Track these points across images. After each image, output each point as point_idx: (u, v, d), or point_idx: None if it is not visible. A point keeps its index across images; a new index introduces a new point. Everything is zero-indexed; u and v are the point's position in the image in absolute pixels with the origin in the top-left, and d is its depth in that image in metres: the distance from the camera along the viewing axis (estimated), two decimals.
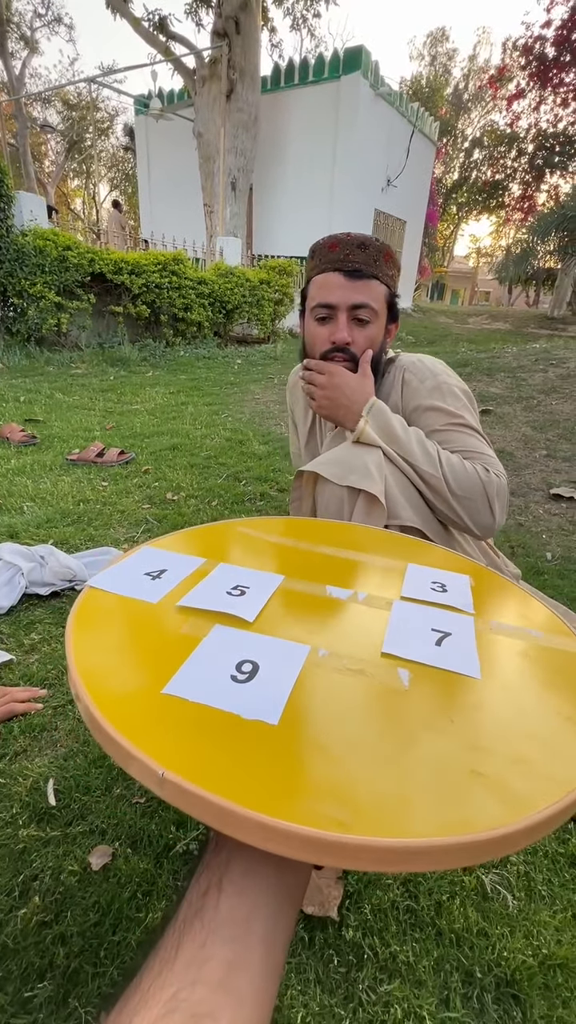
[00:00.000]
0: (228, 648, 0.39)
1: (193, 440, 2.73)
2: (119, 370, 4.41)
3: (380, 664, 0.40)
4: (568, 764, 0.31)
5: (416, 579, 0.53)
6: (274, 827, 0.26)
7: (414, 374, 0.93)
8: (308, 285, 0.94)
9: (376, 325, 0.90)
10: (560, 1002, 0.64)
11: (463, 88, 23.78)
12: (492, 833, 0.26)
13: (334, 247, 0.88)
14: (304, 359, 0.98)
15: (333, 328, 0.90)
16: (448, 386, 0.92)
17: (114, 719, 0.31)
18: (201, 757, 0.30)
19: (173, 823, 0.82)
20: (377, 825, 0.26)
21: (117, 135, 22.87)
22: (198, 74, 7.99)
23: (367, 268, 0.87)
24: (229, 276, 5.72)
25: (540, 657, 0.43)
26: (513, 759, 0.31)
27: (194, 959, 0.26)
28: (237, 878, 0.29)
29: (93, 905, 0.71)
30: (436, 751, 0.32)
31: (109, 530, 1.77)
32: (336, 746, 0.31)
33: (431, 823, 0.27)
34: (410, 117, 10.25)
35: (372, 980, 0.65)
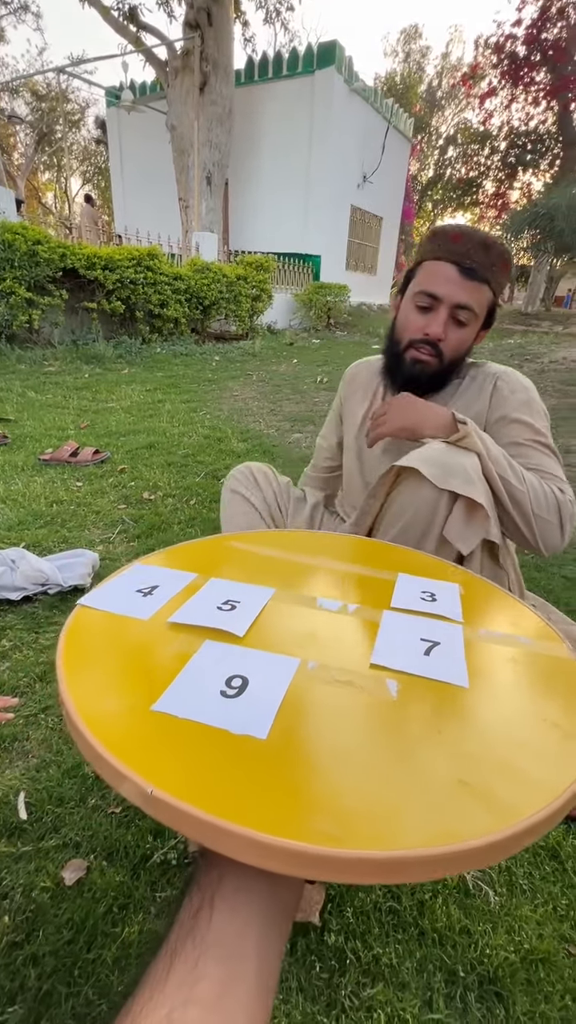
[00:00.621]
0: (218, 663, 0.39)
1: (170, 438, 2.69)
2: (94, 368, 4.32)
3: (369, 675, 0.40)
4: (554, 770, 0.31)
5: (406, 589, 0.53)
6: (262, 842, 0.25)
7: (507, 383, 0.91)
8: (417, 267, 0.91)
9: (471, 329, 0.89)
10: (542, 997, 0.63)
11: (437, 86, 23.96)
12: (479, 842, 0.26)
13: (458, 238, 0.85)
14: (390, 339, 0.96)
15: (430, 320, 0.87)
16: (538, 404, 0.90)
17: (103, 737, 0.31)
18: (190, 774, 0.29)
19: (150, 832, 0.80)
20: (366, 838, 0.26)
21: (89, 127, 22.42)
22: (170, 66, 7.87)
23: (482, 270, 0.84)
24: (206, 272, 5.65)
25: (528, 663, 0.43)
26: (500, 767, 0.31)
27: (186, 979, 0.25)
28: (229, 895, 0.29)
29: (67, 922, 0.68)
30: (424, 761, 0.32)
31: (84, 531, 1.72)
32: (325, 759, 0.31)
33: (419, 834, 0.27)
34: (385, 113, 10.28)
35: (355, 985, 0.64)
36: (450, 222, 1.03)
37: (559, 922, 0.72)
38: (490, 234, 0.86)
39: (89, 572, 1.42)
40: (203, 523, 1.80)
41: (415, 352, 0.90)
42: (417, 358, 0.90)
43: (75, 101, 20.74)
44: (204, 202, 8.15)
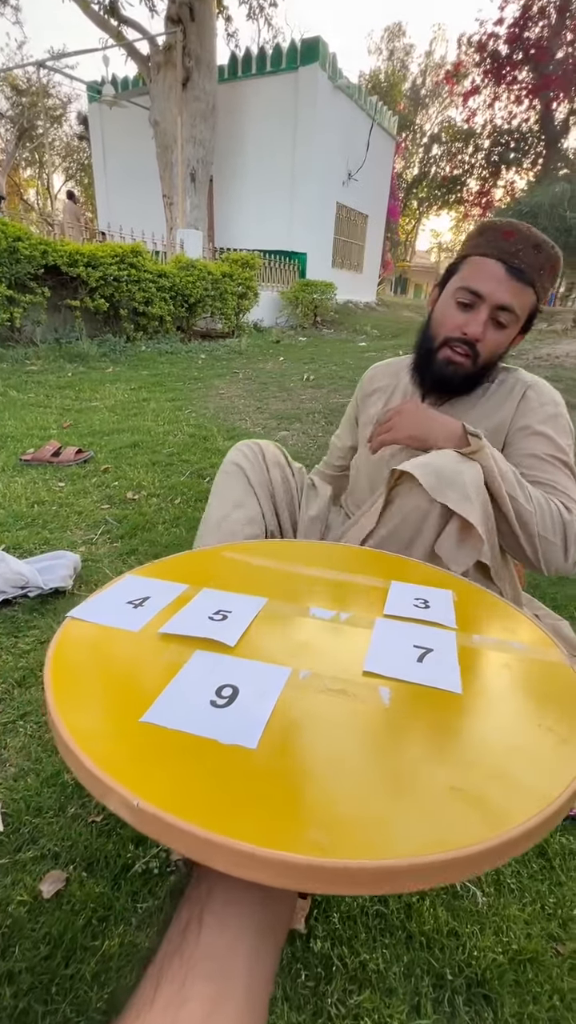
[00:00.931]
0: (208, 673, 0.39)
1: (155, 437, 2.66)
2: (77, 366, 4.25)
3: (361, 683, 0.39)
4: (548, 776, 0.31)
5: (399, 596, 0.53)
6: (250, 854, 0.25)
7: (537, 394, 0.88)
8: (462, 261, 0.87)
9: (510, 332, 0.85)
10: (531, 998, 0.63)
11: (420, 84, 24.04)
12: (471, 849, 0.26)
13: (510, 235, 0.81)
14: (423, 334, 0.92)
15: (470, 318, 0.84)
16: (565, 420, 0.87)
17: (89, 750, 0.31)
18: (178, 785, 0.29)
19: (132, 841, 0.77)
20: (357, 847, 0.26)
21: (71, 123, 22.14)
22: (152, 61, 7.78)
23: (531, 272, 0.81)
24: (190, 269, 5.60)
25: (521, 669, 0.42)
26: (493, 773, 0.31)
27: (173, 1000, 0.25)
28: (219, 909, 0.28)
29: (44, 937, 0.66)
30: (416, 769, 0.31)
31: (66, 532, 1.69)
32: (315, 767, 0.31)
33: (411, 842, 0.26)
34: (369, 111, 10.27)
35: (342, 992, 0.63)
36: (501, 218, 0.96)
37: (547, 921, 0.71)
38: (543, 235, 0.81)
39: (70, 574, 1.39)
40: (188, 522, 1.77)
41: (449, 352, 0.87)
42: (451, 359, 0.87)
43: (56, 96, 20.46)
44: (189, 199, 8.08)
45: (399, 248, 26.16)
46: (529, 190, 11.62)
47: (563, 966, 0.66)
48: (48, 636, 1.20)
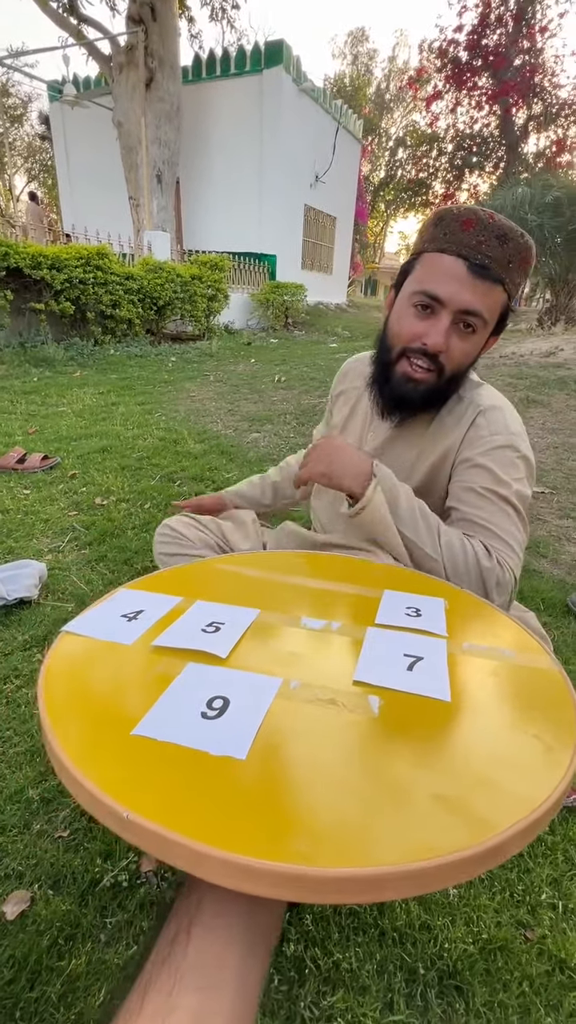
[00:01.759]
0: (200, 685, 0.39)
1: (124, 441, 2.61)
2: (43, 371, 4.16)
3: (351, 693, 0.40)
4: (532, 782, 0.31)
5: (391, 605, 0.53)
6: (238, 864, 0.25)
7: (488, 423, 0.78)
8: (416, 258, 0.76)
9: (479, 337, 0.75)
10: (500, 986, 0.64)
11: (385, 88, 24.38)
12: (454, 856, 0.26)
13: (469, 225, 0.70)
14: (380, 343, 0.82)
15: (430, 326, 0.73)
16: (515, 452, 0.77)
17: (81, 763, 0.31)
18: (168, 797, 0.29)
19: (99, 855, 0.76)
20: (339, 856, 0.26)
21: (32, 123, 21.67)
22: (114, 61, 7.67)
23: (496, 269, 0.70)
24: (159, 271, 5.54)
25: (510, 676, 0.43)
26: (478, 780, 0.31)
27: (159, 1010, 0.25)
28: (208, 921, 0.28)
29: (7, 960, 0.64)
30: (402, 778, 0.32)
31: (31, 541, 1.65)
32: (304, 777, 0.31)
33: (395, 850, 0.26)
34: (334, 114, 10.36)
35: (315, 995, 0.62)
36: (460, 206, 0.79)
37: (515, 908, 0.72)
38: (508, 221, 0.71)
39: (36, 583, 1.36)
40: (158, 528, 1.75)
41: (407, 367, 0.76)
42: (409, 375, 0.76)
43: (16, 95, 20.01)
44: (155, 200, 7.99)
45: (368, 250, 26.45)
46: (491, 193, 11.90)
47: (532, 951, 0.67)
48: (12, 648, 1.16)
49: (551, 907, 0.72)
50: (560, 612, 1.47)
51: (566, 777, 0.31)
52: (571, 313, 7.15)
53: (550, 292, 7.57)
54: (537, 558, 1.79)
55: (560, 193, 6.46)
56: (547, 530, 2.00)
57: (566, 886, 0.75)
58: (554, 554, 1.82)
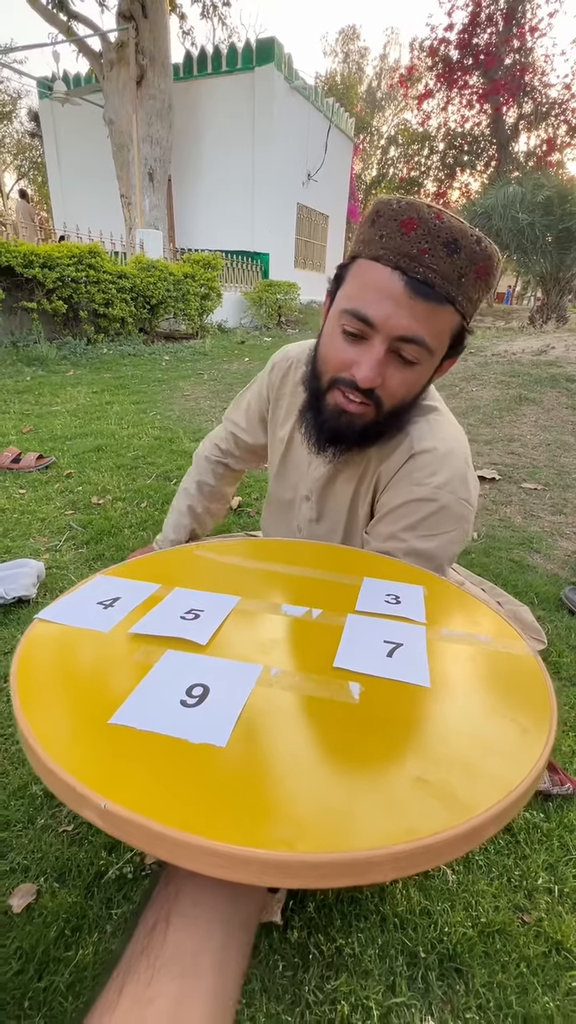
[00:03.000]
0: (179, 673, 0.38)
1: (119, 440, 2.61)
2: (36, 370, 4.13)
3: (332, 679, 0.40)
4: (510, 764, 0.32)
5: (371, 593, 0.53)
6: (218, 851, 0.25)
7: (425, 467, 0.68)
8: (349, 265, 0.62)
9: (424, 367, 0.62)
10: (499, 967, 0.65)
11: (376, 86, 24.40)
12: (435, 838, 0.26)
13: (410, 227, 0.55)
14: (312, 365, 0.69)
15: (361, 355, 0.60)
16: (449, 505, 0.67)
17: (56, 754, 0.30)
18: (146, 786, 0.29)
19: (104, 848, 0.77)
20: (321, 840, 0.26)
21: (22, 120, 21.48)
22: (105, 58, 7.62)
23: (443, 285, 0.56)
24: (151, 270, 5.52)
25: (488, 662, 0.43)
26: (458, 764, 0.32)
27: (138, 1000, 0.25)
28: (186, 909, 0.28)
29: (15, 952, 0.65)
30: (383, 762, 0.32)
31: (28, 540, 1.65)
32: (283, 764, 0.31)
33: (376, 834, 0.27)
34: (326, 112, 10.35)
35: (319, 979, 0.64)
36: (402, 199, 0.57)
37: (513, 893, 0.74)
38: (460, 223, 0.56)
39: (34, 582, 1.36)
40: (155, 526, 1.75)
41: (339, 396, 0.64)
42: (342, 407, 0.64)
43: (5, 92, 19.82)
44: (147, 199, 7.96)
45: None
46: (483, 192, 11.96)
47: (529, 934, 0.69)
48: (11, 647, 1.16)
49: (547, 891, 0.74)
50: (553, 606, 1.50)
51: (542, 758, 0.32)
52: (562, 311, 7.21)
53: (541, 290, 7.62)
54: (530, 553, 1.81)
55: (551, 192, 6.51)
56: (540, 526, 2.02)
57: (561, 871, 0.77)
58: (547, 549, 1.85)
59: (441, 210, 0.56)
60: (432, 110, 15.72)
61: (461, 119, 15.56)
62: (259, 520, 1.90)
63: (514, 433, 3.04)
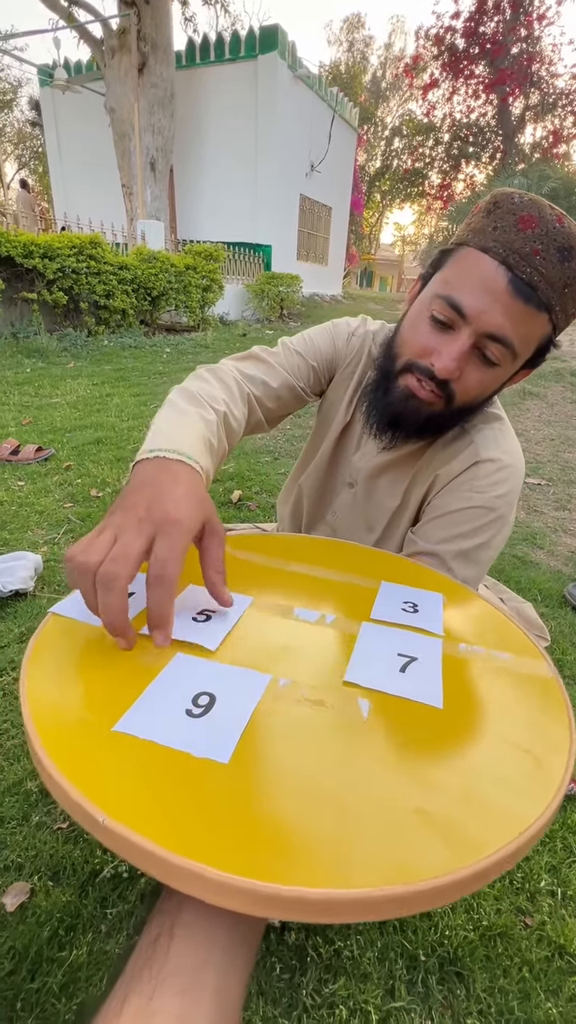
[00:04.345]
0: (186, 679, 0.38)
1: (119, 433, 2.59)
2: (36, 361, 4.11)
3: (341, 694, 0.38)
4: (522, 800, 0.29)
5: (388, 599, 0.52)
6: (208, 878, 0.24)
7: (488, 476, 0.67)
8: (452, 251, 0.60)
9: (503, 370, 0.60)
10: (501, 972, 0.64)
11: (381, 76, 24.11)
12: (434, 882, 0.24)
13: (528, 224, 0.54)
14: (387, 347, 0.67)
15: (444, 344, 0.58)
16: (505, 516, 0.67)
17: (59, 760, 0.30)
18: (144, 800, 0.28)
19: (99, 846, 0.75)
20: (311, 875, 0.25)
21: (22, 108, 21.28)
22: (106, 44, 7.52)
23: (547, 291, 0.54)
24: (152, 261, 5.47)
25: (506, 682, 0.42)
26: (465, 796, 0.30)
27: (140, 1013, 0.24)
28: (190, 922, 0.27)
29: (8, 951, 0.63)
30: (384, 789, 0.30)
31: (26, 533, 1.63)
32: (284, 786, 0.30)
33: (370, 871, 0.25)
34: (330, 102, 10.23)
35: (316, 982, 0.63)
36: (526, 194, 0.55)
37: (515, 895, 0.73)
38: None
39: (32, 575, 1.34)
40: None
41: (412, 380, 0.62)
42: (412, 390, 0.62)
43: (5, 80, 19.63)
44: (149, 189, 7.88)
45: (363, 241, 26.27)
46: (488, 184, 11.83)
47: (531, 938, 0.68)
48: (8, 641, 1.15)
49: (550, 894, 0.73)
50: (557, 603, 1.48)
51: (557, 796, 0.30)
52: None
53: None
54: (534, 549, 1.79)
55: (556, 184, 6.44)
56: (543, 522, 2.00)
57: (564, 873, 0.76)
58: (551, 545, 1.83)
59: (563, 214, 0.55)
60: (437, 100, 15.53)
61: (467, 109, 15.37)
62: (259, 515, 1.88)
63: (518, 428, 3.02)
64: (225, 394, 0.65)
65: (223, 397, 0.64)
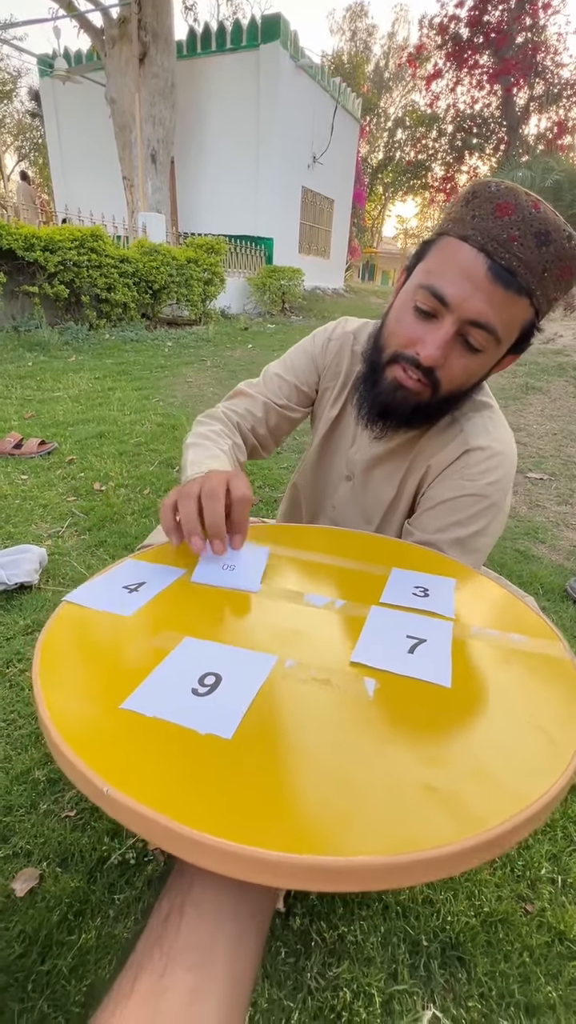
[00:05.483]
0: (194, 661, 0.38)
1: (121, 427, 2.59)
2: (38, 355, 4.10)
3: (347, 674, 0.38)
4: (530, 777, 0.29)
5: (398, 584, 0.51)
6: (214, 847, 0.24)
7: (479, 464, 0.67)
8: (433, 241, 0.62)
9: (487, 357, 0.61)
10: (502, 956, 0.65)
11: (384, 66, 23.84)
12: (437, 852, 0.25)
13: (505, 211, 0.55)
14: (375, 339, 0.69)
15: (428, 333, 0.60)
16: (498, 503, 0.68)
17: (67, 733, 0.31)
18: (150, 773, 0.29)
19: (107, 834, 0.77)
20: (320, 843, 0.25)
21: (22, 99, 21.10)
22: (107, 34, 7.44)
23: (526, 276, 0.56)
24: (154, 254, 5.44)
25: (519, 663, 0.41)
26: (472, 772, 0.30)
27: (153, 989, 0.25)
28: (200, 899, 0.28)
29: (18, 935, 0.65)
30: (391, 765, 0.30)
31: (30, 526, 1.64)
32: (289, 760, 0.30)
33: (377, 840, 0.25)
34: (333, 92, 10.12)
35: (321, 966, 0.64)
36: (502, 182, 0.57)
37: (516, 882, 0.74)
38: (557, 218, 0.56)
39: (36, 568, 1.35)
40: (158, 513, 1.74)
41: (399, 371, 0.64)
42: (400, 381, 0.64)
43: (5, 70, 19.46)
44: (150, 181, 7.82)
45: (366, 234, 26.09)
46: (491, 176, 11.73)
47: (532, 924, 0.69)
48: (13, 633, 1.16)
49: (550, 881, 0.74)
50: (558, 597, 1.49)
51: (566, 773, 0.30)
52: (570, 299, 7.10)
53: None
54: (535, 544, 1.80)
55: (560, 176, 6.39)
56: (545, 516, 2.01)
57: (565, 861, 0.77)
58: (552, 540, 1.83)
59: (539, 200, 0.56)
60: (441, 91, 15.36)
61: (470, 100, 15.21)
62: (262, 508, 1.89)
63: (520, 422, 3.01)
64: (227, 429, 0.78)
65: (225, 431, 0.77)
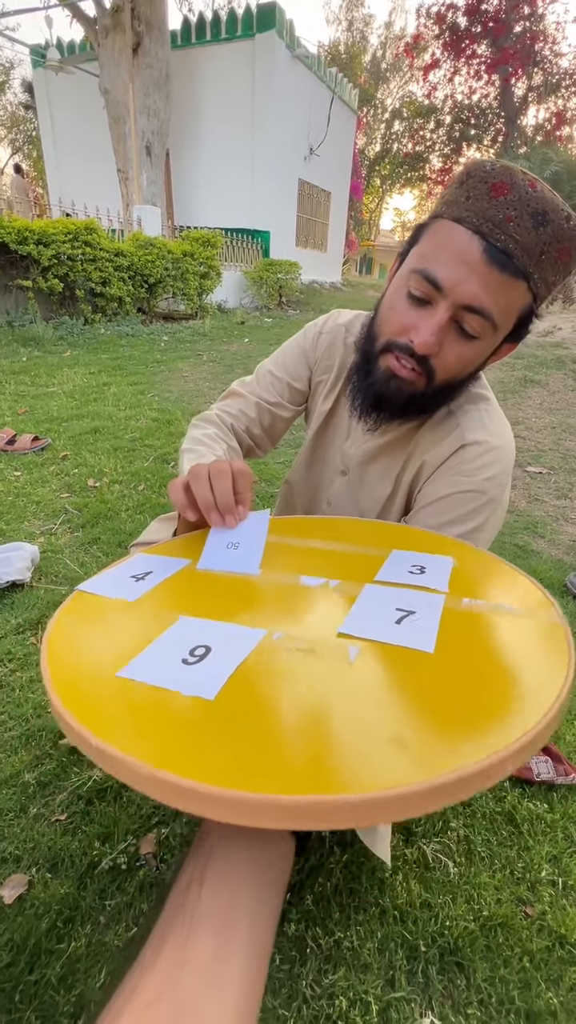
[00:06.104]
0: (187, 636, 0.41)
1: (116, 422, 2.57)
2: (32, 350, 4.06)
3: (332, 643, 0.39)
4: (500, 729, 0.30)
5: (396, 563, 0.52)
6: (183, 787, 0.26)
7: (475, 459, 0.65)
8: (427, 224, 0.59)
9: (484, 344, 0.59)
10: (501, 962, 0.64)
11: (381, 56, 23.61)
12: (397, 791, 0.26)
13: (500, 191, 0.53)
14: (368, 328, 0.67)
15: (421, 319, 0.57)
16: (496, 499, 0.66)
17: (64, 696, 0.34)
18: (137, 728, 0.31)
19: (97, 838, 0.75)
20: (289, 783, 0.26)
21: (15, 90, 20.86)
22: (100, 24, 7.34)
23: (523, 258, 0.53)
24: (149, 248, 5.38)
25: (506, 629, 0.41)
26: (440, 725, 0.31)
27: (176, 956, 0.26)
28: (219, 866, 0.29)
29: (6, 944, 0.63)
30: (363, 719, 0.31)
31: (23, 523, 1.62)
32: (262, 718, 0.32)
33: (347, 781, 0.27)
34: (329, 83, 10.02)
35: (316, 973, 0.62)
36: (497, 162, 0.54)
37: (516, 885, 0.72)
38: (555, 197, 0.54)
39: (28, 566, 1.33)
40: (153, 509, 1.72)
41: (392, 360, 0.61)
42: (393, 370, 0.62)
43: None
44: (145, 173, 7.73)
45: (363, 227, 25.92)
46: None
47: (532, 928, 0.67)
48: (4, 632, 1.14)
49: (551, 884, 0.73)
50: (558, 592, 1.47)
51: (537, 727, 0.30)
52: (568, 291, 7.06)
53: None
54: (535, 538, 1.78)
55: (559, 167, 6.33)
56: (545, 510, 1.99)
57: (566, 863, 0.75)
58: (552, 534, 1.82)
59: (536, 179, 0.53)
60: (438, 81, 15.21)
61: (468, 91, 15.07)
62: (258, 503, 1.86)
63: (519, 416, 2.99)
64: (221, 432, 0.77)
65: (219, 435, 0.76)
